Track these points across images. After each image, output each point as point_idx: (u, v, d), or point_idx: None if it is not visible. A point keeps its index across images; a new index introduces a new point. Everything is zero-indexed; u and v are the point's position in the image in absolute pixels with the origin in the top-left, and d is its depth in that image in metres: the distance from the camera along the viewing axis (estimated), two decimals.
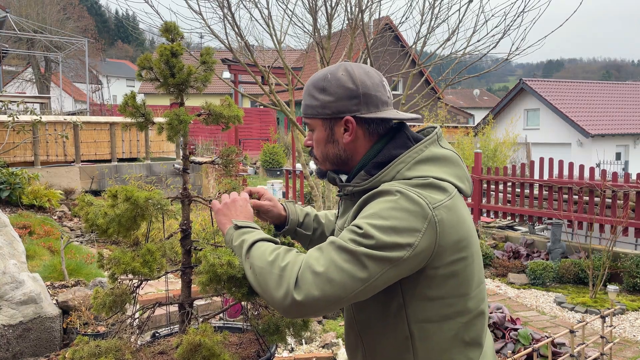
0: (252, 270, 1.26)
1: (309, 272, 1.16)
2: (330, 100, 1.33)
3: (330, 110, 1.34)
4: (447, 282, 1.26)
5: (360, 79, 1.33)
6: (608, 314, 3.82)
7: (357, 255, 1.16)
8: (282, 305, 1.17)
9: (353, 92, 1.32)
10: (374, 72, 1.37)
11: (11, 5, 23.51)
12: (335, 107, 1.33)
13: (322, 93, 1.35)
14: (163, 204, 1.54)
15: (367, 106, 1.33)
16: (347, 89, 1.32)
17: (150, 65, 1.58)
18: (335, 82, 1.33)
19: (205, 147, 14.60)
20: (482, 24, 5.94)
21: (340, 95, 1.32)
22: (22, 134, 7.97)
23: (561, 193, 7.22)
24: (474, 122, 33.76)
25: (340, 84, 1.33)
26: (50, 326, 3.87)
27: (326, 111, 1.34)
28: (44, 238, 5.92)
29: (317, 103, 1.35)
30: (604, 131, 22.81)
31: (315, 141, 1.40)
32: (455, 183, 1.30)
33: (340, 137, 1.36)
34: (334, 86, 1.33)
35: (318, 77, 1.37)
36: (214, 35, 6.13)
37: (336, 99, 1.33)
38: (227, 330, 1.70)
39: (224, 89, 22.10)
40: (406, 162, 1.29)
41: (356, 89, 1.32)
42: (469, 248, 1.28)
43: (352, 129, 1.34)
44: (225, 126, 1.67)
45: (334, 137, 1.36)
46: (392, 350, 1.32)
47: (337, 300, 1.16)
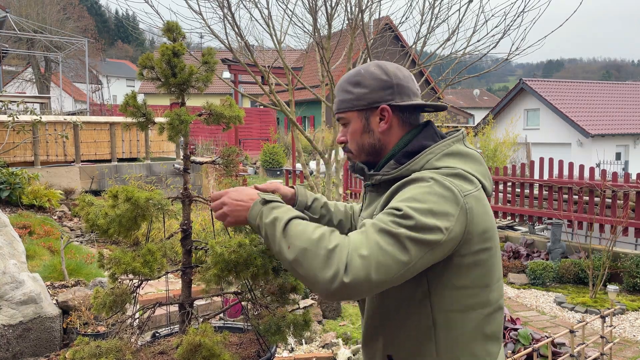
0: (292, 249, 1.22)
1: (357, 256, 1.15)
2: (365, 92, 1.40)
3: (366, 101, 1.40)
4: (472, 271, 1.29)
5: (392, 71, 1.41)
6: (608, 314, 3.82)
7: (400, 237, 1.17)
8: (327, 287, 1.15)
9: (387, 83, 1.40)
10: (403, 67, 1.46)
11: (11, 5, 23.51)
12: (370, 97, 1.40)
13: (356, 87, 1.41)
14: (164, 204, 1.53)
15: (401, 95, 1.40)
16: (381, 80, 1.40)
17: (152, 65, 1.58)
18: (369, 75, 1.41)
19: (205, 147, 14.60)
20: (482, 24, 5.94)
21: (375, 86, 1.40)
22: (22, 134, 7.97)
23: (561, 193, 7.22)
24: (474, 122, 33.76)
25: (374, 76, 1.40)
26: (50, 326, 3.87)
27: (362, 102, 1.41)
28: (44, 238, 5.92)
29: (352, 96, 1.42)
30: (604, 131, 22.81)
31: (351, 134, 1.45)
32: (480, 179, 1.35)
33: (375, 126, 1.42)
34: (368, 79, 1.40)
35: (351, 74, 1.44)
36: (214, 35, 6.13)
37: (371, 90, 1.40)
38: (227, 330, 1.70)
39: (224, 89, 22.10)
40: (435, 154, 1.34)
41: (389, 79, 1.40)
42: (493, 240, 1.32)
43: (387, 117, 1.40)
44: (226, 126, 1.67)
45: (370, 127, 1.42)
46: (413, 339, 1.34)
47: (381, 284, 1.17)
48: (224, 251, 1.48)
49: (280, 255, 1.26)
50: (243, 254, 1.49)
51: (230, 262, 1.48)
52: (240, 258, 1.49)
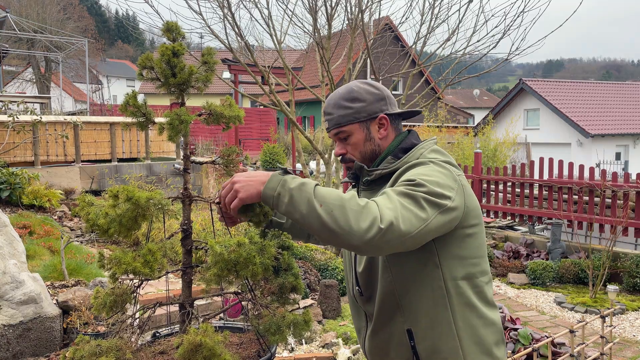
0: (325, 207, 1.28)
1: (386, 209, 1.29)
2: (364, 105, 1.58)
3: (366, 113, 1.59)
4: (471, 242, 1.49)
5: (380, 86, 1.63)
6: (608, 314, 3.82)
7: (417, 197, 1.34)
8: (363, 236, 1.25)
9: (380, 95, 1.61)
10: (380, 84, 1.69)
11: (11, 5, 23.51)
12: (369, 109, 1.59)
13: (354, 102, 1.59)
14: (164, 204, 1.54)
15: (391, 105, 1.63)
16: (375, 93, 1.60)
17: (152, 65, 1.58)
18: (363, 91, 1.60)
19: (206, 147, 14.60)
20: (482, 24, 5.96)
21: (371, 99, 1.59)
22: (22, 134, 7.97)
23: (561, 193, 7.22)
24: (473, 122, 33.75)
25: (368, 91, 1.60)
26: (51, 326, 3.87)
27: (362, 114, 1.58)
28: (44, 238, 5.92)
29: (352, 110, 1.58)
30: (604, 131, 22.81)
31: (354, 144, 1.61)
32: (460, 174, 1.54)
33: (376, 134, 1.61)
34: (363, 94, 1.59)
35: (344, 92, 1.61)
36: (214, 35, 6.14)
37: (368, 103, 1.59)
38: (228, 330, 1.70)
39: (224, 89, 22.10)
40: (426, 148, 1.56)
41: (381, 92, 1.61)
42: (480, 217, 1.52)
43: (386, 124, 1.61)
44: (226, 126, 1.68)
45: (371, 135, 1.60)
46: (431, 309, 1.48)
47: (407, 236, 1.29)
48: (224, 251, 1.49)
49: (311, 215, 1.29)
50: (243, 253, 1.49)
51: (230, 261, 1.48)
52: (240, 257, 1.49)
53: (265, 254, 1.58)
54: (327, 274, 5.65)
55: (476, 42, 6.01)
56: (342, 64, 8.48)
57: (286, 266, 1.74)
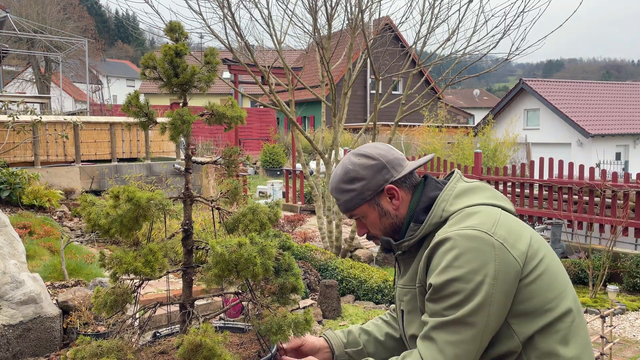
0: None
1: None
2: (365, 182, 1.45)
3: (371, 190, 1.46)
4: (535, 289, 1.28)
5: (374, 152, 1.47)
6: (608, 314, 3.82)
7: (460, 320, 1.22)
8: None
9: (378, 166, 1.46)
10: (378, 143, 1.53)
11: (11, 5, 23.50)
12: (372, 185, 1.46)
13: (353, 183, 1.47)
14: (165, 204, 1.54)
15: (394, 168, 1.47)
16: (371, 165, 1.46)
17: (154, 65, 1.58)
18: (358, 168, 1.46)
19: (206, 147, 14.60)
20: (482, 24, 5.96)
21: (371, 174, 1.45)
22: (22, 134, 7.97)
23: (561, 193, 7.22)
24: (474, 122, 33.75)
25: (363, 166, 1.46)
26: (51, 326, 3.87)
27: (367, 193, 1.46)
28: (44, 238, 5.92)
29: (354, 193, 1.47)
30: (604, 131, 22.81)
31: (371, 224, 1.51)
32: (495, 203, 1.40)
33: (388, 206, 1.47)
34: (360, 171, 1.46)
35: (341, 175, 1.48)
36: (214, 35, 6.14)
37: (369, 179, 1.45)
38: (228, 330, 1.70)
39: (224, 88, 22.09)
40: (446, 200, 1.40)
41: (378, 162, 1.46)
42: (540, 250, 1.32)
43: (396, 193, 1.46)
44: (228, 127, 1.68)
45: (384, 210, 1.48)
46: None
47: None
48: (225, 251, 1.49)
49: None
50: (244, 253, 1.49)
51: (231, 261, 1.48)
52: (241, 258, 1.49)
53: (266, 255, 1.58)
54: (327, 274, 5.65)
55: (476, 42, 6.01)
56: (342, 64, 8.48)
57: (287, 266, 1.74)
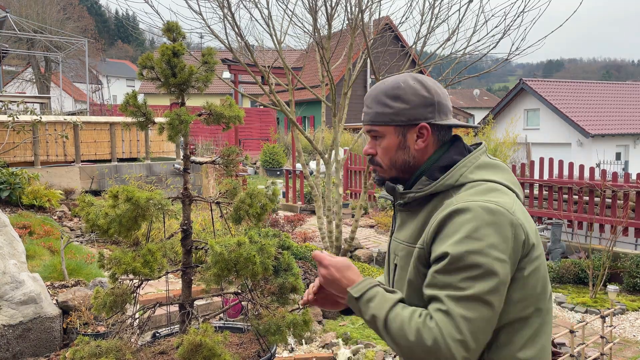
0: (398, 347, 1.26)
1: (453, 342, 1.18)
2: (406, 107, 1.36)
3: (406, 117, 1.37)
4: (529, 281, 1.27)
5: (433, 88, 1.38)
6: (608, 314, 3.82)
7: (477, 298, 1.19)
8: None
9: (428, 100, 1.37)
10: (439, 84, 1.44)
11: (11, 5, 23.50)
12: (411, 114, 1.36)
13: (396, 101, 1.37)
14: (164, 204, 1.53)
15: (440, 114, 1.38)
16: (423, 96, 1.36)
17: (152, 65, 1.57)
18: (410, 90, 1.37)
19: (205, 147, 14.60)
20: (482, 24, 5.95)
21: (416, 103, 1.36)
22: (22, 134, 7.97)
23: (561, 193, 7.22)
24: (474, 122, 33.75)
25: (415, 92, 1.36)
26: (50, 326, 3.87)
27: (401, 118, 1.37)
28: (44, 238, 5.92)
29: (391, 110, 1.37)
30: (604, 131, 22.80)
31: (384, 148, 1.41)
32: (512, 187, 1.35)
33: (412, 143, 1.39)
34: (409, 94, 1.36)
35: (389, 86, 1.39)
36: (214, 35, 6.14)
37: (412, 107, 1.36)
38: (228, 330, 1.70)
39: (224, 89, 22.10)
40: (467, 167, 1.34)
41: (431, 97, 1.37)
42: (539, 245, 1.31)
43: (427, 135, 1.38)
44: (226, 126, 1.67)
45: (406, 144, 1.39)
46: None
47: (483, 345, 1.23)
48: (224, 250, 1.48)
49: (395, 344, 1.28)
50: (243, 252, 1.49)
51: (230, 261, 1.48)
52: (240, 257, 1.49)
53: (265, 254, 1.57)
54: None
55: (476, 42, 6.01)
56: (342, 64, 8.48)
57: (286, 266, 1.74)
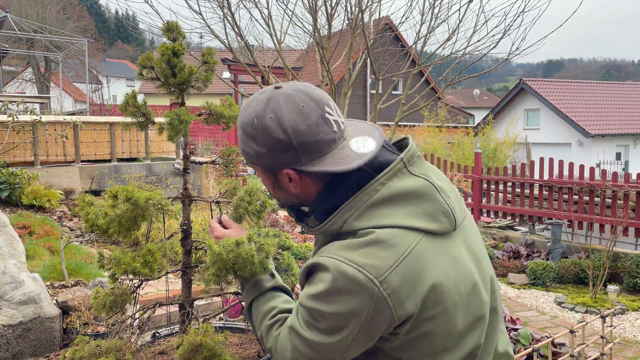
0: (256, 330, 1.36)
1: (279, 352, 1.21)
2: (263, 152, 1.14)
3: (267, 162, 1.16)
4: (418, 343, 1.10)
5: (291, 125, 1.09)
6: (608, 314, 3.82)
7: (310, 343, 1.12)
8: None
9: (285, 143, 1.10)
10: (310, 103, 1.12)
11: (11, 5, 23.50)
12: (270, 159, 1.14)
13: (252, 141, 1.15)
14: (164, 204, 1.53)
15: (308, 155, 1.11)
16: (278, 140, 1.10)
17: (152, 65, 1.57)
18: (262, 131, 1.12)
19: (205, 147, 14.60)
20: (482, 24, 5.94)
21: (272, 147, 1.12)
22: (22, 134, 7.97)
23: (561, 193, 7.22)
24: (474, 122, 33.75)
25: (268, 133, 1.11)
26: (50, 326, 3.87)
27: (263, 162, 1.16)
28: (44, 238, 5.91)
29: (252, 152, 1.16)
30: (604, 131, 22.80)
31: (266, 186, 1.26)
32: (419, 226, 1.08)
33: (287, 185, 1.18)
34: (262, 136, 1.12)
35: (246, 121, 1.15)
36: (214, 35, 6.14)
37: (268, 151, 1.13)
38: (228, 330, 1.70)
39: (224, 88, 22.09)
40: (355, 208, 1.10)
41: (288, 139, 1.10)
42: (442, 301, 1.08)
43: (295, 180, 1.16)
44: (226, 126, 1.67)
45: (280, 185, 1.20)
46: None
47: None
48: (222, 250, 1.48)
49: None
50: (241, 252, 1.49)
51: (228, 261, 1.48)
52: (239, 257, 1.49)
53: (264, 253, 1.58)
54: None
55: (476, 42, 6.00)
56: (342, 64, 8.48)
57: (286, 267, 1.74)
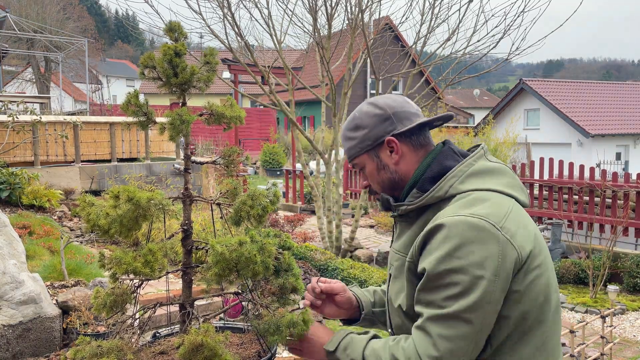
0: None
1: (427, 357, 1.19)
2: (366, 132, 1.41)
3: (370, 140, 1.41)
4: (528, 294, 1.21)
5: (383, 102, 1.42)
6: (608, 314, 3.82)
7: (456, 315, 1.16)
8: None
9: (383, 116, 1.40)
10: (395, 95, 1.48)
11: (11, 5, 23.49)
12: (372, 135, 1.40)
13: (356, 130, 1.43)
14: (165, 204, 1.53)
15: (401, 122, 1.39)
16: (376, 115, 1.40)
17: (153, 64, 1.57)
18: (364, 116, 1.42)
19: (206, 147, 14.60)
20: (482, 24, 5.95)
21: (373, 123, 1.40)
22: (22, 134, 7.97)
23: (561, 193, 7.22)
24: (474, 122, 33.76)
25: (368, 115, 1.41)
26: (50, 326, 3.87)
27: (367, 142, 1.41)
28: (44, 238, 5.91)
29: (356, 141, 1.43)
30: (604, 131, 22.81)
31: (369, 175, 1.46)
32: (510, 192, 1.29)
33: (388, 160, 1.41)
34: (364, 119, 1.42)
35: (349, 121, 1.46)
36: (214, 35, 6.14)
37: (371, 128, 1.40)
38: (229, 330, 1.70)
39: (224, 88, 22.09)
40: (458, 176, 1.30)
41: (384, 112, 1.40)
42: (541, 253, 1.24)
43: (396, 147, 1.39)
44: (227, 126, 1.67)
45: (383, 163, 1.41)
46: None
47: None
48: (225, 250, 1.48)
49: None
50: (244, 251, 1.49)
51: (231, 260, 1.48)
52: (242, 256, 1.49)
53: (266, 253, 1.58)
54: (327, 274, 5.65)
55: (476, 42, 6.01)
56: (342, 64, 8.48)
57: (286, 266, 1.74)
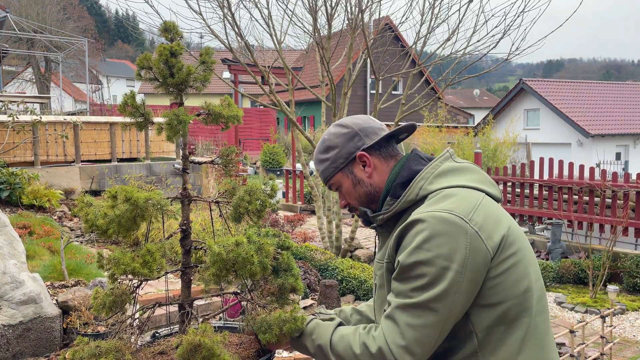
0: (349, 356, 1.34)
1: (396, 348, 1.24)
2: (337, 151, 1.48)
3: (342, 158, 1.48)
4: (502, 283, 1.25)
5: (349, 121, 1.50)
6: (608, 314, 3.82)
7: (423, 304, 1.22)
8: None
9: (350, 133, 1.48)
10: (357, 115, 1.56)
11: (11, 5, 23.50)
12: (344, 153, 1.48)
13: (328, 152, 1.50)
14: (163, 204, 1.53)
15: (368, 136, 1.48)
16: (344, 133, 1.49)
17: (150, 65, 1.57)
18: (332, 137, 1.50)
19: (205, 147, 14.60)
20: (482, 24, 5.95)
21: (343, 142, 1.48)
22: (22, 134, 7.97)
23: (561, 193, 7.22)
24: (474, 122, 33.74)
25: (337, 135, 1.49)
26: (50, 326, 3.87)
27: (339, 161, 1.48)
28: (44, 238, 5.91)
29: (329, 162, 1.50)
30: (604, 131, 22.80)
31: (346, 193, 1.52)
32: (480, 187, 1.34)
33: (362, 174, 1.47)
34: (333, 140, 1.49)
35: (319, 145, 1.54)
36: (214, 35, 6.14)
37: (341, 147, 1.48)
38: (227, 330, 1.70)
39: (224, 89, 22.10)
40: (426, 178, 1.36)
41: (351, 130, 1.48)
42: (516, 242, 1.28)
43: (368, 160, 1.46)
44: (225, 126, 1.67)
45: (357, 178, 1.48)
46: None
47: (431, 350, 1.26)
48: (222, 250, 1.49)
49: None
50: (241, 252, 1.49)
51: (228, 261, 1.48)
52: (239, 257, 1.49)
53: (264, 253, 1.58)
54: (327, 274, 5.65)
55: (476, 42, 6.01)
56: (342, 64, 8.48)
57: (286, 266, 1.74)
